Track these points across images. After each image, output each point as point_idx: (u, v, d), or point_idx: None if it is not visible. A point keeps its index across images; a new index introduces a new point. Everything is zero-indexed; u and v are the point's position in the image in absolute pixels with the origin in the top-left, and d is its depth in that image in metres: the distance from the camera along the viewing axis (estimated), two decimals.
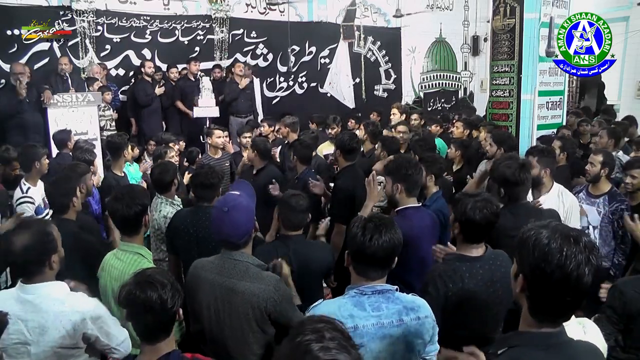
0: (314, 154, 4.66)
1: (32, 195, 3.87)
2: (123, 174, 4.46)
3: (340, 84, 8.95)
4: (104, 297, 2.47)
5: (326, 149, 5.76)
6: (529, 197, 3.52)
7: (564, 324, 1.35)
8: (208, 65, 7.89)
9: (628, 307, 2.24)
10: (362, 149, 5.02)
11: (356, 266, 1.88)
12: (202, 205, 3.13)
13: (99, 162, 5.22)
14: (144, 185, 4.55)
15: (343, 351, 1.09)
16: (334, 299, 1.91)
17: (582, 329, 1.76)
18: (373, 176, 3.17)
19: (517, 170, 2.89)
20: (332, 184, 4.18)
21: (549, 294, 1.27)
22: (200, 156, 5.96)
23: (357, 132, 5.78)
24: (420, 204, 3.06)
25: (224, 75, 7.91)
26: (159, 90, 7.26)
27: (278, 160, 5.34)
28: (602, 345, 1.77)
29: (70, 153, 5.03)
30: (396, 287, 1.91)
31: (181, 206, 3.56)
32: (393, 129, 5.55)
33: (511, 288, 1.40)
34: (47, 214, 3.59)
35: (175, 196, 3.63)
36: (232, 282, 2.07)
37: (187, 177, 4.84)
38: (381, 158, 4.37)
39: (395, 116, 6.07)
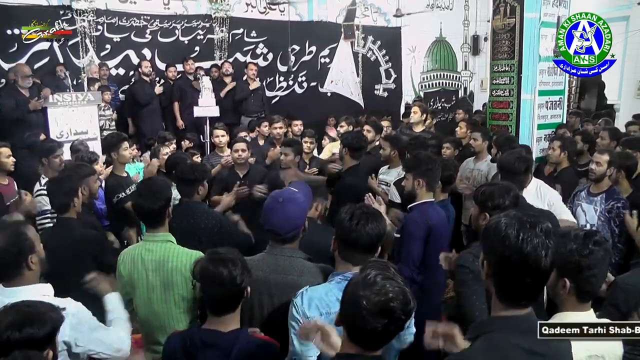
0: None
1: None
2: (126, 174, 4.43)
3: (347, 82, 8.96)
4: (133, 289, 2.47)
5: (335, 147, 5.74)
6: None
7: None
8: (208, 65, 7.89)
9: (630, 302, 2.21)
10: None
11: (342, 251, 1.94)
12: (184, 200, 3.11)
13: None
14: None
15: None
16: (321, 285, 1.96)
17: None
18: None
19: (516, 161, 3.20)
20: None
21: (511, 277, 1.37)
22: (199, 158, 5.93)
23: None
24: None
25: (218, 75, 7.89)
26: (158, 89, 7.26)
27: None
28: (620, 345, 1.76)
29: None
30: None
31: None
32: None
33: None
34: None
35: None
36: (292, 278, 2.07)
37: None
38: (391, 157, 4.29)
39: (416, 115, 5.83)
